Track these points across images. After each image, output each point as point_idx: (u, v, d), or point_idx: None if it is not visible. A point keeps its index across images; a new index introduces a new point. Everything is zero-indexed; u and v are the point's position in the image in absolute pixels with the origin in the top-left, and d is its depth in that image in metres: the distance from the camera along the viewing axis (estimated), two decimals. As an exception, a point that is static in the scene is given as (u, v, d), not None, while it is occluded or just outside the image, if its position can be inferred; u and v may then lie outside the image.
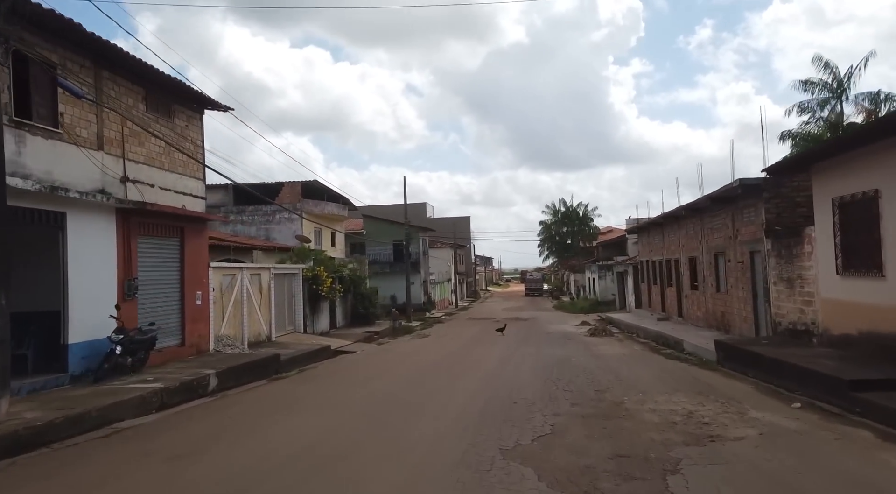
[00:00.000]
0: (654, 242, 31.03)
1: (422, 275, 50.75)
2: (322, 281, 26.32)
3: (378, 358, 19.87)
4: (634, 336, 25.81)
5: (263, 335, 21.87)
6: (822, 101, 32.18)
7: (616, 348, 20.96)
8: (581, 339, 24.97)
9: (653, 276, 31.98)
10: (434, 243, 65.98)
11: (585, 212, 78.89)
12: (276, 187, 34.73)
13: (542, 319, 40.23)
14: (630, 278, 37.44)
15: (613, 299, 47.46)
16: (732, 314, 20.10)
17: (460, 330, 32.71)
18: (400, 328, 28.16)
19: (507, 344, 23.25)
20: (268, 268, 22.65)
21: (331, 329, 28.53)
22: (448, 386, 12.84)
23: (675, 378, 13.35)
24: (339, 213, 38.20)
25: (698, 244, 23.51)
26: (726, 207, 19.88)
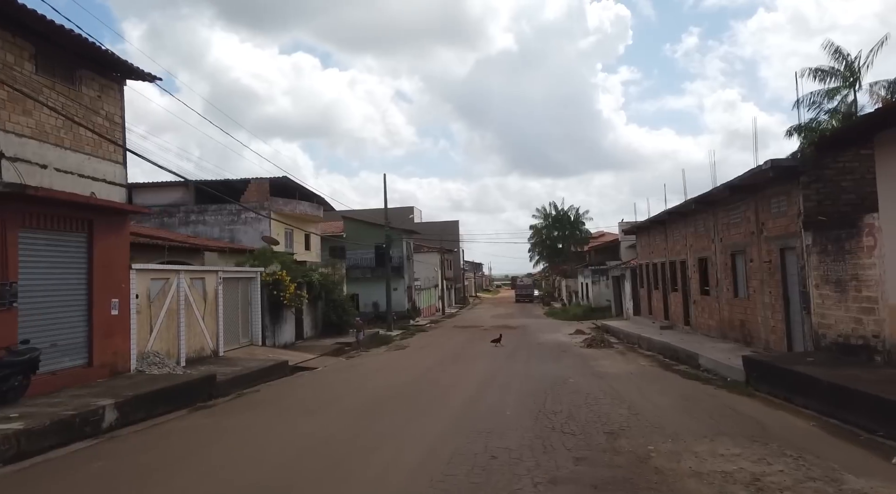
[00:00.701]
0: (656, 242, 27.90)
1: (406, 281, 47.47)
2: (284, 287, 23.01)
3: (338, 377, 16.57)
4: (637, 348, 22.62)
5: (208, 350, 18.54)
6: (831, 91, 29.57)
7: (619, 363, 17.74)
8: (577, 351, 21.76)
9: (654, 280, 28.84)
10: (420, 248, 62.75)
11: (577, 215, 75.82)
12: (241, 185, 31.42)
13: (533, 327, 37.03)
14: (628, 283, 34.31)
15: (608, 306, 44.31)
16: (755, 323, 16.94)
17: (443, 340, 29.45)
18: (363, 340, 24.75)
19: (492, 358, 20.02)
20: (214, 271, 19.32)
21: (297, 341, 25.20)
22: (407, 426, 9.57)
23: (706, 411, 10.12)
24: (312, 213, 34.90)
25: (710, 243, 20.39)
26: (748, 197, 16.75)
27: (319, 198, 35.92)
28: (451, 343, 27.23)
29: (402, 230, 47.75)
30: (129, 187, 33.04)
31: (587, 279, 48.56)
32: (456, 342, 28.11)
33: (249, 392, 14.37)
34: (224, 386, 14.72)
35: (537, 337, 29.00)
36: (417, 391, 13.46)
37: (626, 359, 18.95)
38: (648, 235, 29.31)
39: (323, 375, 17.49)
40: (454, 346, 25.83)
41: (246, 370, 16.62)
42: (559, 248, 76.62)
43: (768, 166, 14.00)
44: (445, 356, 21.70)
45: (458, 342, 28.00)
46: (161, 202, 31.21)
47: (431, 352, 23.35)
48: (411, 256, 50.58)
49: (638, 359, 18.93)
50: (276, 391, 14.67)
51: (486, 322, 42.64)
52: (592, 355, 20.35)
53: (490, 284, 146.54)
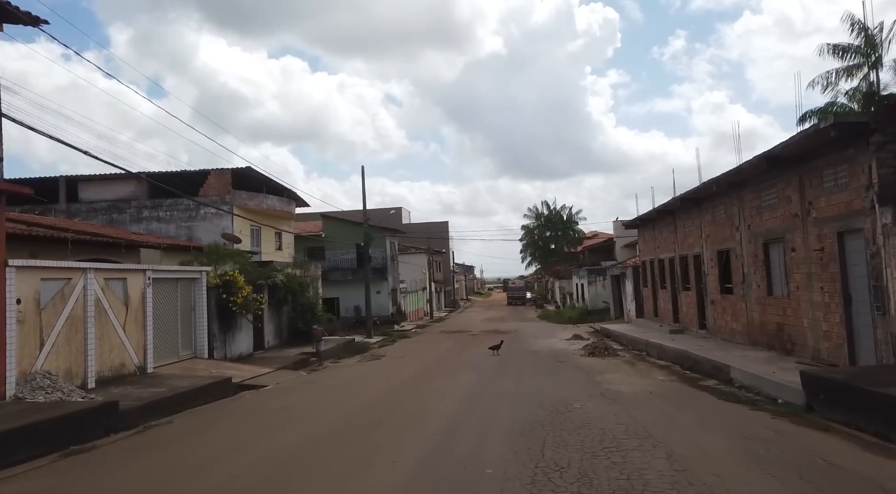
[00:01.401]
0: (663, 235, 24.57)
1: (389, 283, 43.98)
2: (237, 289, 19.52)
3: (283, 401, 13.07)
4: (646, 356, 19.25)
5: (131, 366, 15.02)
6: (851, 68, 26.51)
7: (632, 378, 14.31)
8: (577, 361, 18.37)
9: (660, 278, 25.49)
10: (407, 249, 59.34)
11: (570, 215, 72.63)
12: (199, 177, 27.93)
13: (526, 331, 33.63)
14: (629, 283, 30.95)
15: (606, 308, 40.94)
16: (799, 326, 13.58)
17: (425, 348, 26.00)
18: (324, 352, 20.71)
19: (477, 370, 16.59)
20: (141, 270, 15.78)
21: (255, 352, 21.68)
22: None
23: (786, 463, 6.69)
24: (282, 209, 31.41)
25: (734, 232, 17.05)
26: (788, 171, 13.41)
27: (291, 193, 32.43)
28: (434, 352, 23.79)
29: (384, 229, 44.28)
30: (73, 179, 29.73)
31: (582, 280, 45.23)
32: (439, 350, 24.68)
33: (161, 424, 10.90)
34: (135, 415, 11.26)
35: (531, 343, 25.61)
36: (376, 420, 10.01)
37: (638, 372, 15.54)
38: (653, 228, 25.96)
39: (267, 396, 13.99)
40: (436, 355, 22.41)
41: (172, 392, 13.13)
42: (552, 248, 73.33)
43: (829, 124, 10.64)
44: (424, 368, 18.27)
45: (442, 350, 24.57)
46: (109, 197, 27.69)
47: (408, 363, 19.91)
48: (396, 257, 47.10)
49: (652, 371, 15.52)
50: (196, 421, 11.19)
51: (476, 327, 39.21)
52: (596, 366, 16.94)
53: (482, 286, 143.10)
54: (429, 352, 23.68)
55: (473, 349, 24.27)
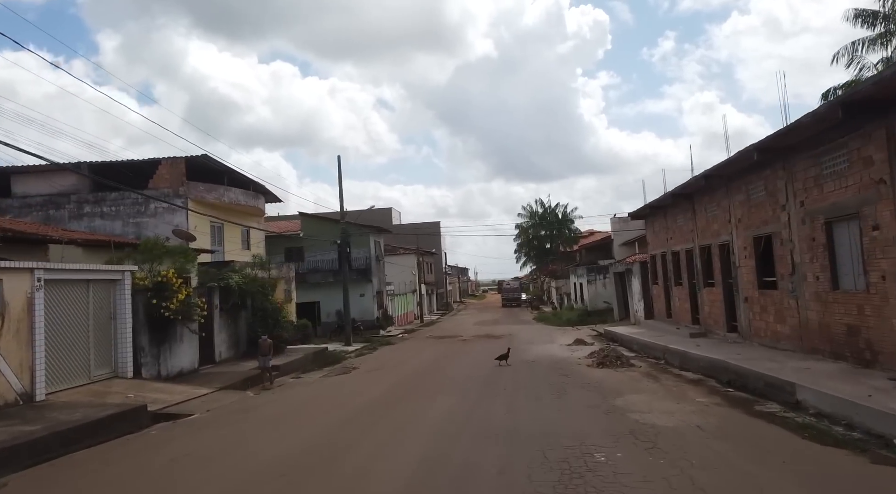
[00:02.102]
0: (678, 224, 21.05)
1: (374, 285, 40.32)
2: (172, 292, 15.86)
3: (194, 443, 9.42)
4: (667, 367, 15.69)
5: (11, 395, 11.35)
6: (873, 38, 23.40)
7: (664, 401, 10.66)
8: (585, 374, 14.78)
9: (674, 274, 21.95)
10: (396, 250, 55.76)
11: (565, 214, 69.15)
12: (149, 166, 24.27)
13: (522, 336, 30.04)
14: (636, 280, 27.36)
15: (608, 308, 37.40)
16: (885, 330, 10.05)
17: (407, 357, 22.38)
18: (266, 372, 16.29)
19: (461, 391, 12.97)
20: (26, 270, 12.12)
21: (201, 367, 17.98)
22: None
23: None
24: (248, 204, 27.75)
25: (778, 211, 13.52)
26: (869, 123, 9.89)
27: (259, 186, 28.78)
28: (415, 363, 20.18)
29: (368, 227, 40.65)
30: (5, 172, 26.06)
31: (581, 279, 41.68)
32: (422, 360, 21.07)
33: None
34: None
35: (527, 351, 22.00)
36: (299, 483, 6.41)
37: (667, 390, 11.94)
38: (665, 217, 22.41)
39: (180, 433, 10.33)
40: (417, 367, 18.81)
41: (46, 432, 9.51)
42: (547, 248, 69.83)
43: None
44: (397, 385, 14.65)
45: (425, 360, 20.96)
46: (47, 191, 24.00)
47: (381, 379, 16.28)
48: (381, 257, 43.45)
49: (685, 389, 11.93)
50: (43, 479, 7.55)
51: (468, 331, 35.60)
52: (610, 381, 13.34)
53: (476, 288, 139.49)
54: (409, 363, 20.06)
55: (461, 358, 20.70)
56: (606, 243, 55.24)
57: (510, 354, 18.17)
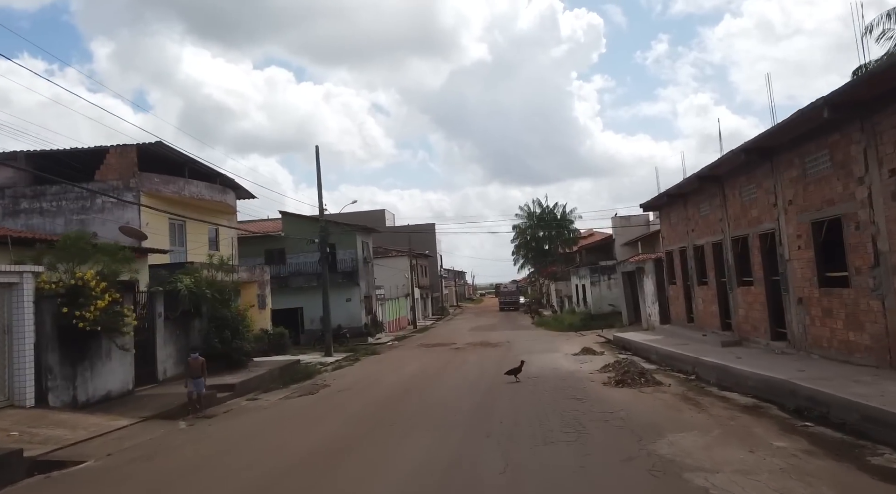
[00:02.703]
0: (701, 214, 17.86)
1: (362, 289, 37.07)
2: (88, 300, 12.63)
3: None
4: (702, 384, 12.47)
5: None
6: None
7: (729, 449, 7.31)
8: (604, 397, 11.52)
9: (697, 271, 18.75)
10: (388, 252, 52.57)
11: (563, 214, 65.91)
12: (95, 156, 21.07)
13: (522, 343, 26.79)
14: (649, 280, 24.10)
15: (614, 312, 34.19)
16: None
17: (389, 371, 19.11)
18: (195, 402, 12.35)
19: (441, 427, 9.72)
20: None
21: (137, 388, 14.67)
22: None
23: None
24: (216, 199, 24.50)
25: (853, 187, 10.31)
26: None
27: (228, 180, 25.55)
28: (396, 379, 16.93)
29: (355, 227, 37.43)
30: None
31: (584, 280, 38.48)
32: (404, 375, 17.82)
33: None
34: None
35: (528, 362, 18.76)
36: None
37: (720, 425, 8.67)
38: (685, 206, 19.21)
39: None
40: (395, 386, 15.55)
41: None
42: (546, 249, 66.61)
43: None
44: (362, 416, 11.39)
45: (408, 375, 17.71)
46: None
47: (347, 404, 13.02)
48: (370, 259, 40.22)
49: (745, 423, 8.65)
50: None
51: (462, 338, 32.36)
52: (640, 410, 10.08)
53: (473, 292, 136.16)
54: (387, 380, 16.82)
55: (451, 373, 17.48)
56: (607, 244, 52.10)
57: (522, 368, 14.87)
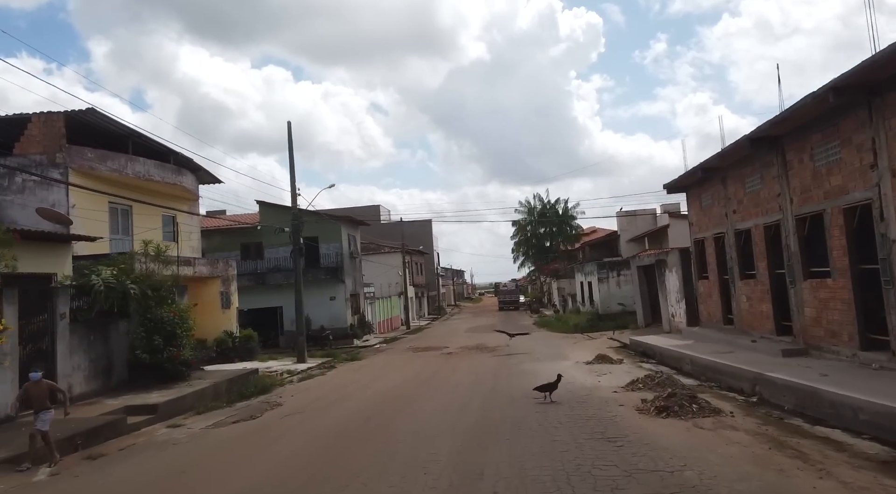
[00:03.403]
0: (747, 190, 14.15)
1: (348, 286, 33.37)
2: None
3: None
4: (783, 416, 8.76)
5: None
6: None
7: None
8: (650, 439, 7.77)
9: (740, 262, 15.04)
10: (381, 248, 48.94)
11: (566, 209, 62.23)
12: (15, 125, 17.40)
13: (523, 346, 23.07)
14: (673, 275, 20.28)
15: (625, 311, 30.50)
16: None
17: (361, 386, 15.35)
18: (47, 439, 8.35)
19: (399, 486, 6.09)
20: None
21: (21, 414, 11.05)
22: None
23: None
24: (168, 181, 20.79)
25: None
26: None
27: (184, 159, 21.84)
28: (363, 398, 13.20)
29: (340, 219, 33.70)
30: None
31: (590, 277, 34.76)
32: (378, 391, 14.10)
33: None
34: None
35: (531, 372, 15.11)
36: None
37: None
38: (724, 182, 15.49)
39: None
40: (361, 408, 11.81)
41: None
42: (547, 246, 62.91)
43: None
44: (292, 467, 7.74)
45: (381, 391, 13.97)
46: None
47: (284, 440, 9.30)
48: (358, 254, 36.46)
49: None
50: None
51: (456, 340, 28.67)
52: (717, 467, 6.38)
53: (473, 291, 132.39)
54: (354, 399, 13.11)
55: (435, 389, 13.77)
56: (612, 240, 48.40)
57: (558, 384, 11.09)
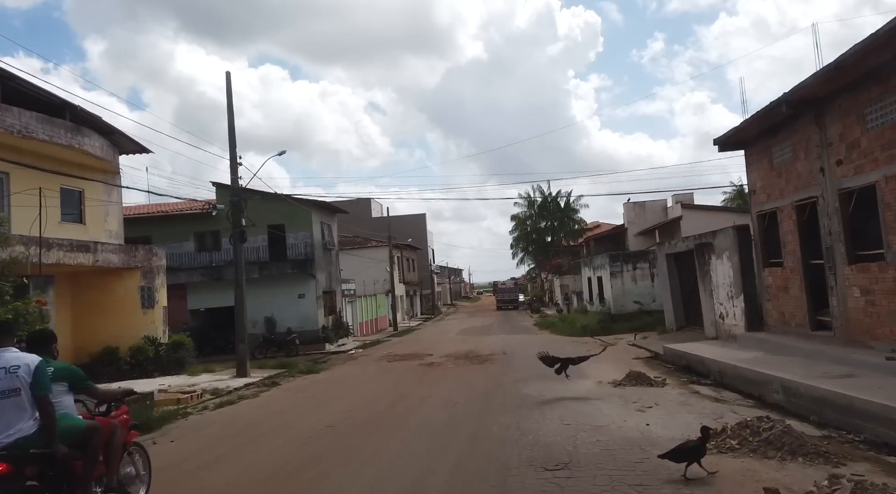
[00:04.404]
0: (869, 127, 8.97)
1: (321, 282, 28.18)
2: None
3: None
4: None
5: None
6: None
7: None
8: None
9: (848, 239, 9.84)
10: (367, 242, 43.84)
11: (568, 202, 57.07)
12: None
13: (522, 354, 17.87)
14: (723, 263, 14.78)
15: (642, 311, 25.49)
16: None
17: (286, 425, 10.08)
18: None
19: None
20: None
21: None
22: None
23: None
24: (61, 141, 15.56)
25: None
26: None
27: (85, 115, 16.63)
28: (284, 445, 8.04)
29: (311, 204, 28.44)
30: None
31: (600, 271, 29.55)
32: (312, 430, 8.90)
33: None
34: None
35: (536, 402, 9.97)
36: None
37: None
38: (818, 123, 10.27)
39: None
40: (266, 471, 6.67)
41: None
42: (548, 242, 57.73)
43: None
44: None
45: (315, 432, 8.77)
46: None
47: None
48: (333, 245, 31.16)
49: None
50: None
51: (443, 346, 23.48)
52: None
53: (471, 290, 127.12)
54: (267, 448, 7.93)
55: (387, 433, 8.52)
56: (618, 234, 43.49)
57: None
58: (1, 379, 4.12)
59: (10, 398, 4.10)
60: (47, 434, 4.09)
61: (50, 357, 4.56)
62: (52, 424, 4.10)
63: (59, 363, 4.65)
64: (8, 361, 4.18)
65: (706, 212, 32.25)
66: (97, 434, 4.44)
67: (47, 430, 4.09)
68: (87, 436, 4.37)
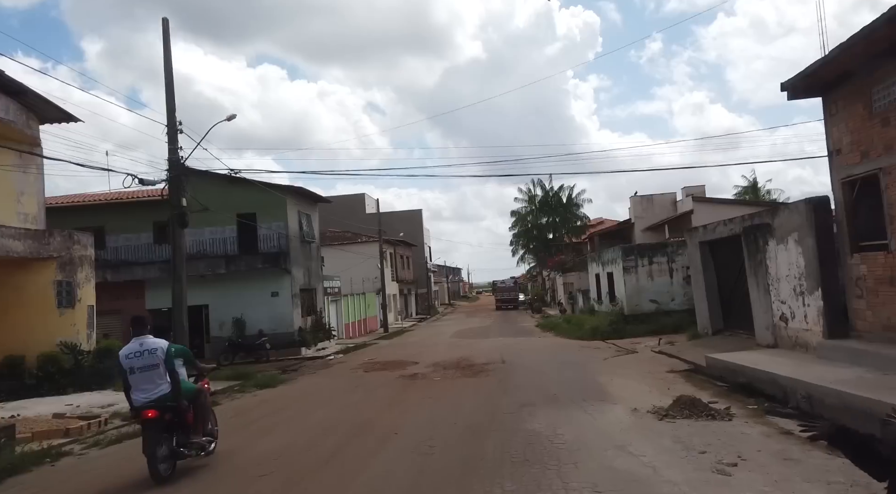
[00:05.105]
0: None
1: (297, 279, 24.60)
2: None
3: None
4: None
5: None
6: None
7: None
8: None
9: None
10: (357, 237, 40.41)
11: (570, 197, 53.60)
12: None
13: (526, 365, 14.39)
14: (791, 249, 11.15)
15: (660, 311, 22.03)
16: None
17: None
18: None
19: None
20: None
21: None
22: None
23: None
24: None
25: None
26: None
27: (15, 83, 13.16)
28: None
29: (287, 190, 24.82)
30: None
31: (611, 266, 26.00)
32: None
33: None
34: None
35: (548, 437, 6.48)
36: None
37: None
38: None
39: None
40: None
41: None
42: (550, 238, 54.17)
43: None
44: None
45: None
46: None
47: None
48: (313, 238, 27.50)
49: None
50: None
51: (434, 351, 19.99)
52: None
53: (470, 290, 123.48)
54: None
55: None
56: (624, 229, 40.05)
57: None
58: (147, 357, 6.29)
59: (154, 370, 6.28)
60: (173, 393, 6.29)
61: (169, 341, 6.68)
62: (177, 386, 6.35)
63: (178, 346, 7.03)
64: (149, 345, 6.35)
65: (719, 205, 28.94)
66: (203, 394, 6.98)
67: (174, 390, 6.30)
68: (196, 395, 6.83)
